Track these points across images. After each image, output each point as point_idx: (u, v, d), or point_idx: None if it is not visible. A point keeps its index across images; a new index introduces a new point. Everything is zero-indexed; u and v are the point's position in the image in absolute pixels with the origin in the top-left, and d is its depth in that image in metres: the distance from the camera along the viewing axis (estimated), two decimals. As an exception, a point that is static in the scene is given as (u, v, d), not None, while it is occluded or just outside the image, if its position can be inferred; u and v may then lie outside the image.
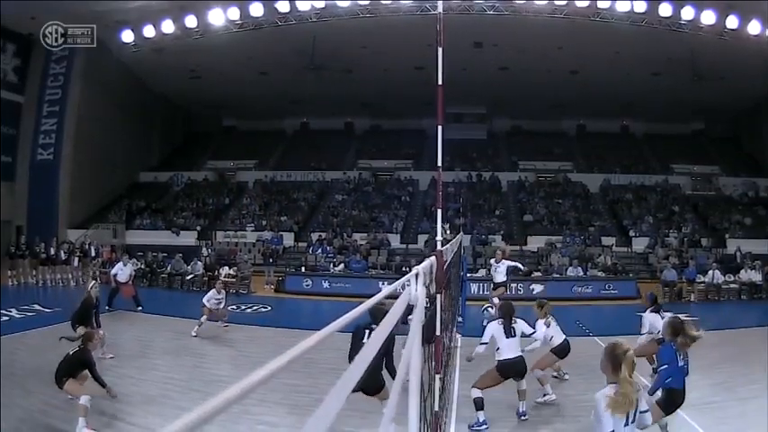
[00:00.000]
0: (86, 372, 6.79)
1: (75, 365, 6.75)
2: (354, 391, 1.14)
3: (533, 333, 7.58)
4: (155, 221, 26.02)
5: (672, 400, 5.56)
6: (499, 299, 11.74)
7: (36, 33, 20.93)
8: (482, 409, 6.69)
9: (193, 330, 11.55)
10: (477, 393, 6.75)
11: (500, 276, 12.88)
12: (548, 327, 7.99)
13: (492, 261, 13.33)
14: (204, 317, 11.67)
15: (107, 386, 6.82)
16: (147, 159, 31.92)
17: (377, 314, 5.35)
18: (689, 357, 5.71)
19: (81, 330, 8.68)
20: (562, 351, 7.97)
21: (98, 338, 7.79)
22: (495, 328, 7.04)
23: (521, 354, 7.00)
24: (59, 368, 6.71)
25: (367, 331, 5.91)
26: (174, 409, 6.95)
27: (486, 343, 7.10)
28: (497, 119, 34.11)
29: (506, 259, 13.11)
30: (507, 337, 6.92)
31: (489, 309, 12.44)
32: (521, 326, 7.18)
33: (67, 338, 7.89)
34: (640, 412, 3.72)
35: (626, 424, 3.57)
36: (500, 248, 14.49)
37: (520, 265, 13.94)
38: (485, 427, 6.66)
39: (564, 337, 8.03)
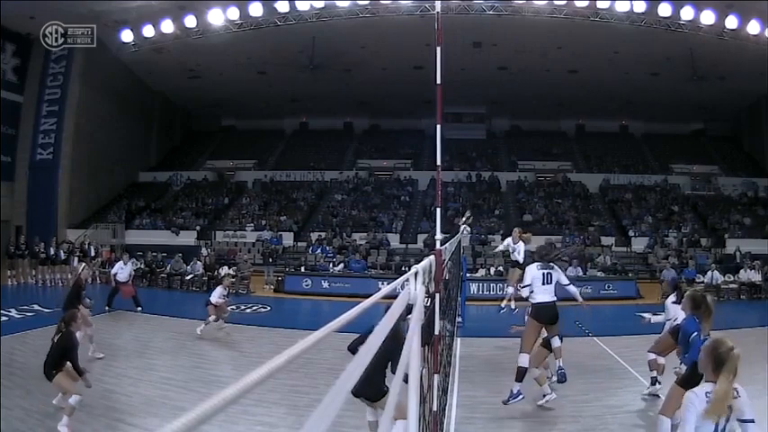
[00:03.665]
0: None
1: (61, 353, 6.41)
2: (356, 396, 1.14)
3: (569, 285, 7.53)
4: (154, 221, 26.01)
5: (697, 376, 5.31)
6: (515, 287, 11.09)
7: (36, 33, 20.92)
8: (521, 380, 6.80)
9: (198, 329, 11.39)
10: (524, 360, 6.84)
11: (519, 256, 11.64)
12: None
13: (509, 240, 11.96)
14: (212, 317, 11.55)
15: (84, 375, 6.51)
16: (147, 159, 31.92)
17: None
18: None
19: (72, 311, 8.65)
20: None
21: (80, 318, 7.19)
22: (534, 273, 7.14)
23: (554, 299, 7.09)
24: (47, 360, 6.43)
25: None
26: (172, 410, 6.93)
27: (528, 285, 7.16)
28: (496, 119, 34.14)
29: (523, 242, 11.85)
30: (543, 283, 7.04)
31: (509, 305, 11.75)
32: (556, 275, 7.25)
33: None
34: (740, 421, 3.25)
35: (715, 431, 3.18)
36: (517, 228, 12.94)
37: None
38: (521, 397, 6.79)
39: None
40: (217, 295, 11.87)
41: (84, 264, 11.03)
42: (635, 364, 9.02)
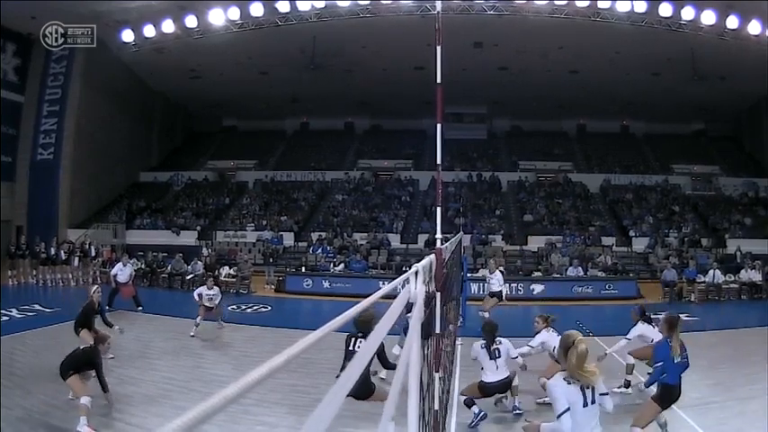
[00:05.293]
0: (92, 371, 6.87)
1: (83, 362, 6.82)
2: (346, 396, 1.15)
3: (517, 357, 7.40)
4: (155, 221, 26.01)
5: (667, 396, 5.64)
6: (489, 313, 11.80)
7: (36, 33, 20.92)
8: (473, 404, 6.76)
9: (191, 331, 11.55)
10: (463, 397, 6.89)
11: (494, 286, 13.16)
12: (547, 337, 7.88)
13: (486, 272, 13.69)
14: (200, 317, 11.67)
15: (108, 392, 6.95)
16: (148, 159, 31.93)
17: (362, 326, 5.42)
18: (687, 352, 5.74)
19: (84, 334, 8.65)
20: None
21: (109, 343, 8.09)
22: (478, 351, 7.03)
23: (506, 375, 6.95)
24: (66, 361, 6.76)
25: (353, 339, 5.96)
26: (173, 410, 6.94)
27: (474, 359, 7.15)
28: (497, 119, 34.15)
29: (499, 270, 13.48)
30: (491, 359, 6.90)
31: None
32: (505, 347, 7.07)
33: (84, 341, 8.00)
34: (600, 394, 4.01)
35: (584, 405, 3.83)
36: (494, 258, 14.69)
37: (505, 290, 13.62)
38: (483, 414, 6.70)
39: None
40: (199, 293, 12.07)
41: (96, 287, 11.07)
42: (636, 365, 9.01)
